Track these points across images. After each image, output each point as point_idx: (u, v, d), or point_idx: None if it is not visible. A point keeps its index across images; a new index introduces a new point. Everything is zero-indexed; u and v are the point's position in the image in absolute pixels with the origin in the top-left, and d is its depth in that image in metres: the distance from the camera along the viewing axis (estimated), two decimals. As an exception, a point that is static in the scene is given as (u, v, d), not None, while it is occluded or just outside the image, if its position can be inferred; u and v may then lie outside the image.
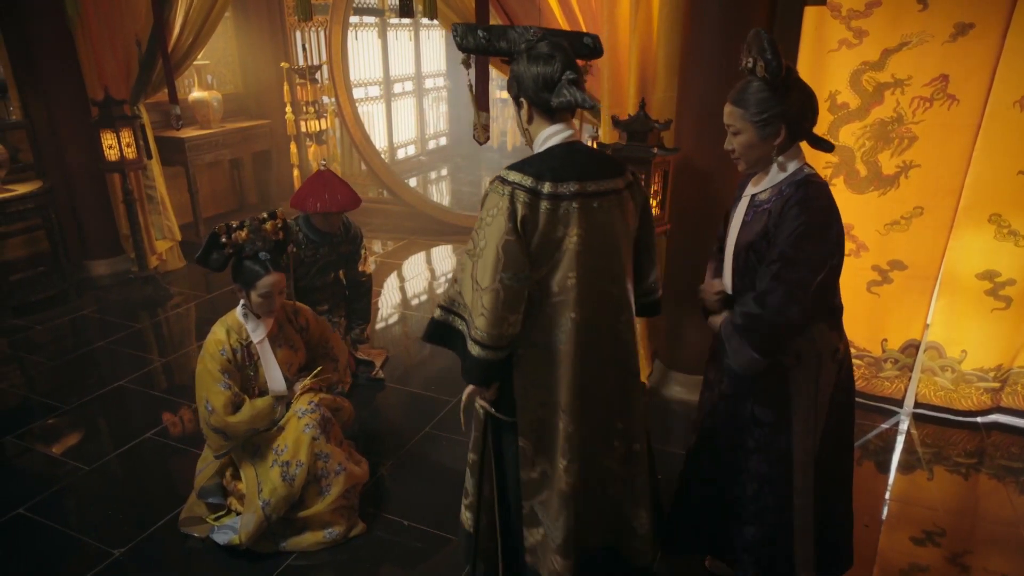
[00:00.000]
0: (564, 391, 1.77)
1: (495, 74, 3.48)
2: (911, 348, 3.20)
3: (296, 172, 6.16)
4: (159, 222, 5.18)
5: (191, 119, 5.68)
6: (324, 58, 6.41)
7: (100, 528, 2.56)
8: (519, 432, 1.83)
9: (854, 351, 3.28)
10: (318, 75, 5.76)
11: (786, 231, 1.63)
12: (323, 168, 3.53)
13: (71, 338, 4.23)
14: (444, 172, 9.56)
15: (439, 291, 1.62)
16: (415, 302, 4.87)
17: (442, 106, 10.19)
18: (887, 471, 2.93)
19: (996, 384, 3.14)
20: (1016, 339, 3.06)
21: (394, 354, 3.95)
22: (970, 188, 2.87)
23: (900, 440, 3.13)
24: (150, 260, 5.02)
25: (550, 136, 1.71)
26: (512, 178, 1.66)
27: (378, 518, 2.60)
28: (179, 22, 4.80)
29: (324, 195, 3.33)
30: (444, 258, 5.78)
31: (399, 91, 9.12)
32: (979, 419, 3.22)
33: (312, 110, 5.77)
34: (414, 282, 5.32)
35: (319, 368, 2.63)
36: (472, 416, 1.96)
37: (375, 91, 8.59)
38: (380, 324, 4.47)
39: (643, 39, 3.06)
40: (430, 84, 9.83)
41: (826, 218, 1.64)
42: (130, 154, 4.57)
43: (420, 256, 5.85)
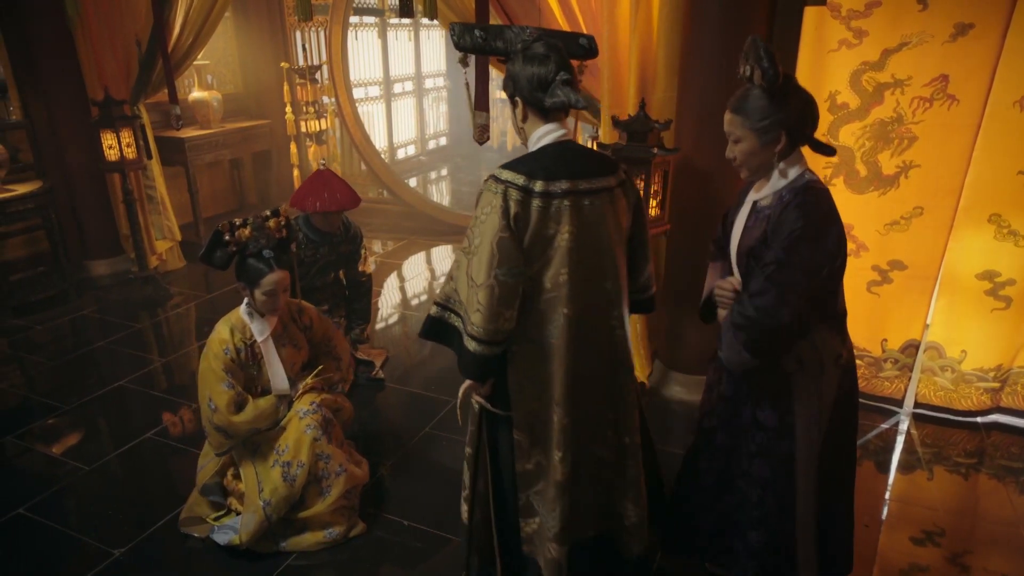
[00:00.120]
0: (557, 385, 1.80)
1: (495, 74, 3.48)
2: (911, 348, 3.20)
3: (296, 172, 6.15)
4: (159, 222, 5.18)
5: (191, 119, 5.67)
6: (324, 58, 6.41)
7: (100, 528, 2.56)
8: (514, 425, 1.86)
9: (854, 351, 3.28)
10: (318, 75, 5.76)
11: (782, 234, 1.64)
12: (323, 167, 3.53)
13: (71, 338, 4.23)
14: (444, 172, 9.56)
15: (439, 291, 1.63)
16: (415, 302, 4.87)
17: (442, 106, 10.19)
18: (887, 471, 2.93)
19: (996, 384, 3.14)
20: (1016, 339, 3.06)
21: (394, 354, 3.95)
22: (970, 188, 2.87)
23: (900, 440, 3.13)
24: (150, 260, 5.02)
25: (544, 135, 1.75)
26: (505, 176, 1.69)
27: (378, 518, 2.60)
28: (179, 22, 4.80)
29: (324, 194, 3.34)
30: (444, 258, 5.77)
31: (399, 91, 9.12)
32: (979, 419, 3.22)
33: (312, 110, 5.77)
34: (414, 282, 5.33)
35: (320, 367, 2.63)
36: (469, 411, 1.99)
37: (375, 91, 8.59)
38: (380, 324, 4.47)
39: (643, 39, 3.06)
40: (430, 84, 9.83)
41: (824, 223, 1.64)
42: (130, 154, 4.57)
43: (420, 256, 5.85)
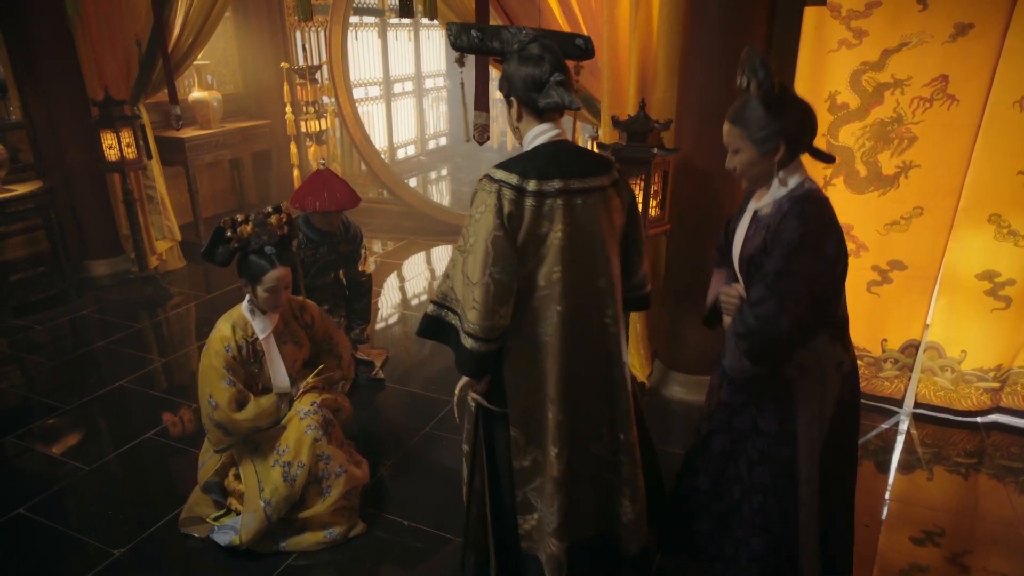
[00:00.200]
0: (552, 382, 1.82)
1: (495, 74, 3.47)
2: (911, 348, 3.20)
3: (296, 172, 6.15)
4: (159, 222, 5.18)
5: (191, 119, 5.67)
6: (324, 58, 6.40)
7: (100, 528, 2.56)
8: (510, 422, 1.87)
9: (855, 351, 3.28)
10: (318, 75, 5.76)
11: (782, 243, 1.64)
12: (322, 167, 3.53)
13: (71, 338, 4.23)
14: (444, 172, 9.56)
15: (435, 289, 1.65)
16: (415, 302, 4.87)
17: (442, 106, 10.19)
18: (887, 471, 2.93)
19: (996, 384, 3.14)
20: (1016, 339, 3.06)
21: (394, 354, 3.95)
22: (970, 188, 2.87)
23: (900, 440, 3.13)
24: (150, 260, 5.02)
25: (538, 135, 1.77)
26: (499, 176, 1.72)
27: (378, 518, 2.60)
28: (179, 22, 4.80)
29: (323, 194, 3.34)
30: (444, 258, 5.77)
31: (399, 91, 9.12)
32: (979, 419, 3.22)
33: (312, 110, 5.77)
34: (414, 282, 5.33)
35: (321, 366, 2.63)
36: (466, 408, 2.00)
37: (375, 91, 8.59)
38: (380, 324, 4.47)
39: (643, 39, 3.06)
40: (430, 84, 9.83)
41: (823, 231, 1.64)
42: (130, 154, 4.57)
43: (420, 256, 5.85)
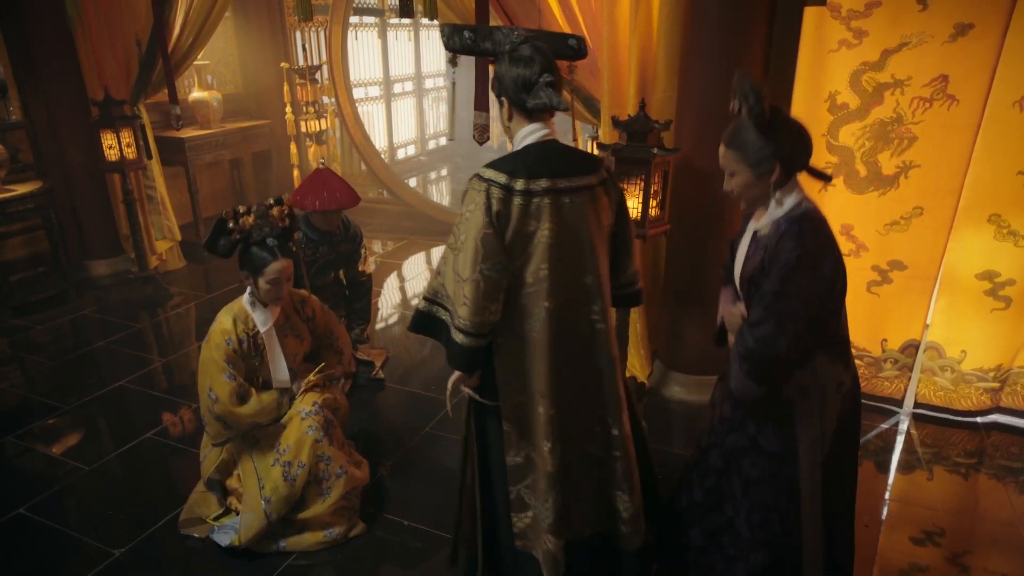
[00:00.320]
0: (541, 377, 1.84)
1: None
2: (911, 348, 3.20)
3: (296, 172, 6.15)
4: (159, 222, 5.18)
5: (191, 119, 5.67)
6: (324, 58, 6.40)
7: (100, 528, 2.56)
8: (503, 416, 1.90)
9: (854, 351, 3.27)
10: (318, 75, 5.76)
11: (779, 263, 1.66)
12: (322, 166, 3.52)
13: (71, 338, 4.23)
14: (444, 172, 9.56)
15: (427, 286, 1.68)
16: (415, 302, 4.86)
17: (442, 106, 10.19)
18: (887, 471, 2.93)
19: (996, 384, 3.14)
20: (1016, 339, 3.06)
21: (394, 354, 3.95)
22: (970, 188, 2.87)
23: (900, 440, 3.13)
24: (150, 260, 5.02)
25: (528, 135, 1.80)
26: (488, 175, 1.75)
27: (378, 518, 2.60)
28: (179, 22, 4.80)
29: (323, 193, 3.33)
30: (444, 258, 5.76)
31: (399, 91, 9.12)
32: (979, 419, 3.22)
33: (312, 110, 5.76)
34: (414, 282, 5.33)
35: (322, 364, 2.62)
36: (462, 403, 2.02)
37: (375, 91, 8.59)
38: (380, 324, 4.47)
39: (643, 39, 3.06)
40: (430, 84, 9.83)
41: (819, 251, 1.65)
42: (130, 154, 4.57)
43: (420, 256, 5.85)
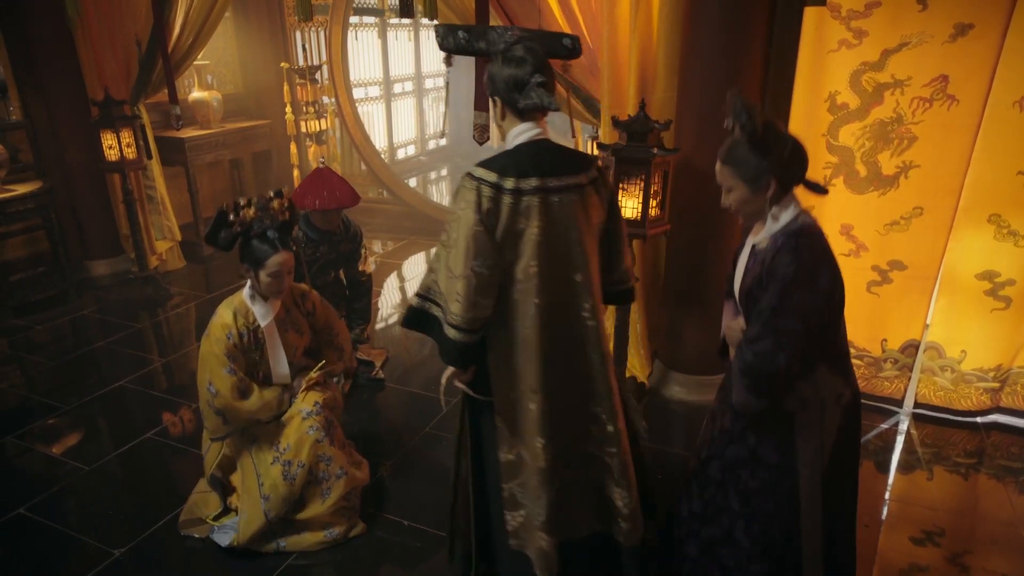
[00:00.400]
0: (532, 372, 1.85)
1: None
2: (911, 348, 3.20)
3: (296, 172, 6.15)
4: (159, 222, 5.18)
5: (191, 119, 5.67)
6: (324, 58, 6.40)
7: (100, 528, 2.56)
8: (495, 411, 1.91)
9: (854, 351, 3.28)
10: (318, 75, 5.76)
11: (776, 279, 1.67)
12: (322, 166, 3.52)
13: (71, 338, 4.23)
14: (444, 172, 9.57)
15: (420, 282, 1.70)
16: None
17: (442, 106, 10.19)
18: (887, 471, 2.93)
19: (996, 384, 3.14)
20: (1016, 339, 3.06)
21: (394, 354, 3.95)
22: (970, 188, 2.88)
23: (900, 440, 3.13)
24: (150, 260, 5.02)
25: (519, 134, 1.82)
26: (478, 174, 1.77)
27: (378, 518, 2.60)
28: (179, 22, 4.80)
29: (323, 192, 3.33)
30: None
31: (399, 91, 9.13)
32: (979, 419, 3.22)
33: (312, 110, 5.76)
34: (414, 282, 5.32)
35: (323, 361, 2.61)
36: (456, 401, 2.04)
37: (375, 91, 8.59)
38: (380, 324, 4.47)
39: (643, 39, 3.06)
40: (430, 84, 9.83)
41: (816, 266, 1.66)
42: (130, 154, 4.57)
43: (420, 256, 5.85)
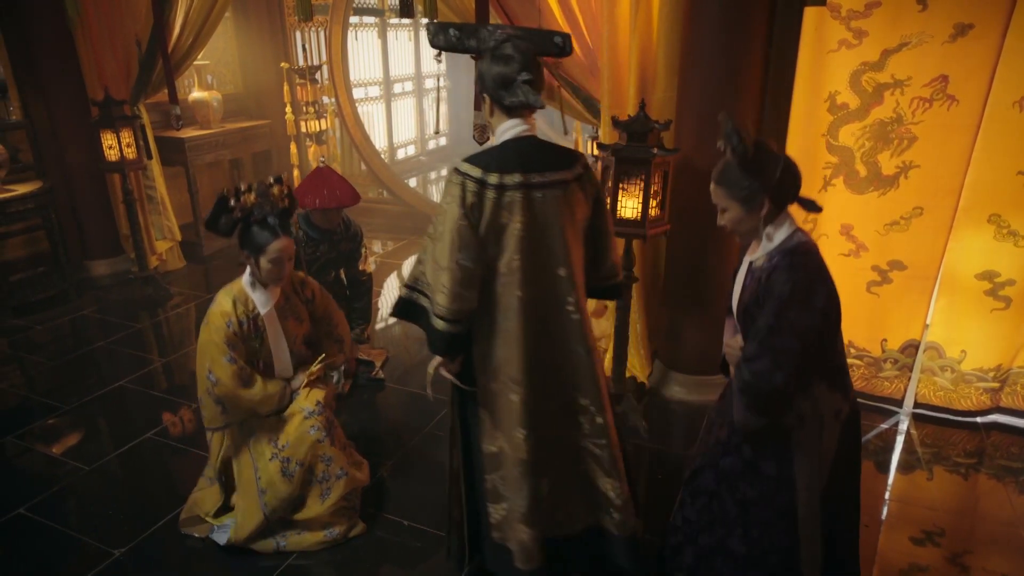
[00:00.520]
0: (515, 364, 1.88)
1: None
2: (911, 348, 3.20)
3: (296, 172, 6.15)
4: (159, 222, 5.18)
5: (191, 119, 5.67)
6: (324, 58, 6.40)
7: (100, 528, 2.56)
8: (479, 401, 1.95)
9: (854, 351, 3.29)
10: (318, 75, 5.76)
11: (772, 298, 1.68)
12: (322, 165, 3.52)
13: (71, 338, 4.23)
14: (444, 172, 9.56)
15: (408, 273, 1.73)
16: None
17: (442, 106, 10.19)
18: (887, 471, 2.93)
19: (996, 384, 3.15)
20: (1016, 339, 3.06)
21: (394, 354, 3.95)
22: (970, 188, 2.88)
23: (900, 440, 3.13)
24: (150, 260, 5.02)
25: (507, 130, 1.85)
26: (464, 169, 1.80)
27: (378, 518, 2.60)
28: (179, 22, 4.80)
29: (323, 191, 3.33)
30: (444, 258, 5.76)
31: (399, 91, 9.13)
32: (979, 419, 3.22)
33: (312, 110, 5.77)
34: (414, 282, 5.32)
35: (323, 355, 2.60)
36: (438, 393, 2.08)
37: (375, 91, 8.59)
38: (380, 324, 4.47)
39: (643, 39, 3.06)
40: (430, 84, 9.83)
41: (811, 284, 1.67)
42: (130, 154, 4.57)
43: (420, 256, 5.84)
